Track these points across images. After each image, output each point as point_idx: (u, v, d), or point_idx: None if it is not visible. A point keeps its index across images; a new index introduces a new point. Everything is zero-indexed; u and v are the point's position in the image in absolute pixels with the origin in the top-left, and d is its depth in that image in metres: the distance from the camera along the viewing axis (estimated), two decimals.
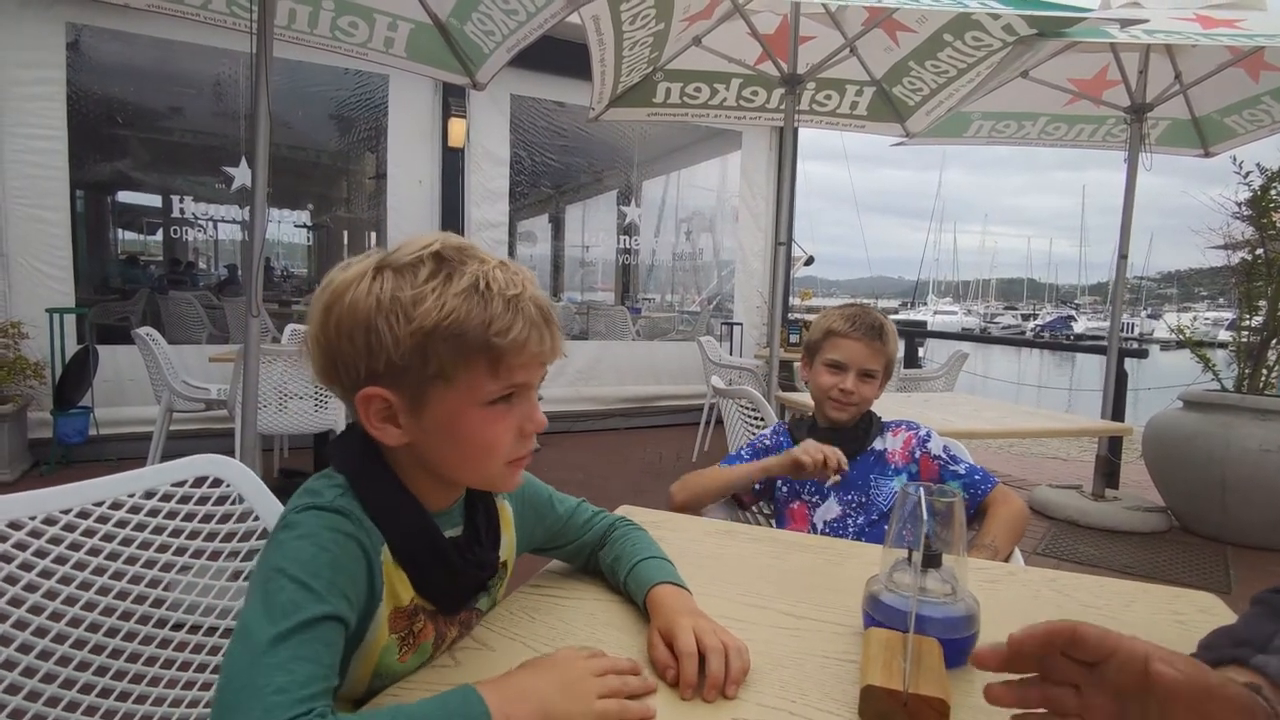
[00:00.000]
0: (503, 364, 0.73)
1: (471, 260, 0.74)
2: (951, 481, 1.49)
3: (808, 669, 0.76)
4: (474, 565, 0.82)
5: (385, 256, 0.75)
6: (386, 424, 0.74)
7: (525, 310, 0.73)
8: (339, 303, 0.73)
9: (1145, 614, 0.93)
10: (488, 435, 0.75)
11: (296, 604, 0.63)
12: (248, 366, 2.58)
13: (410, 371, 0.71)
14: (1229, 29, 3.31)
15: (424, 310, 0.70)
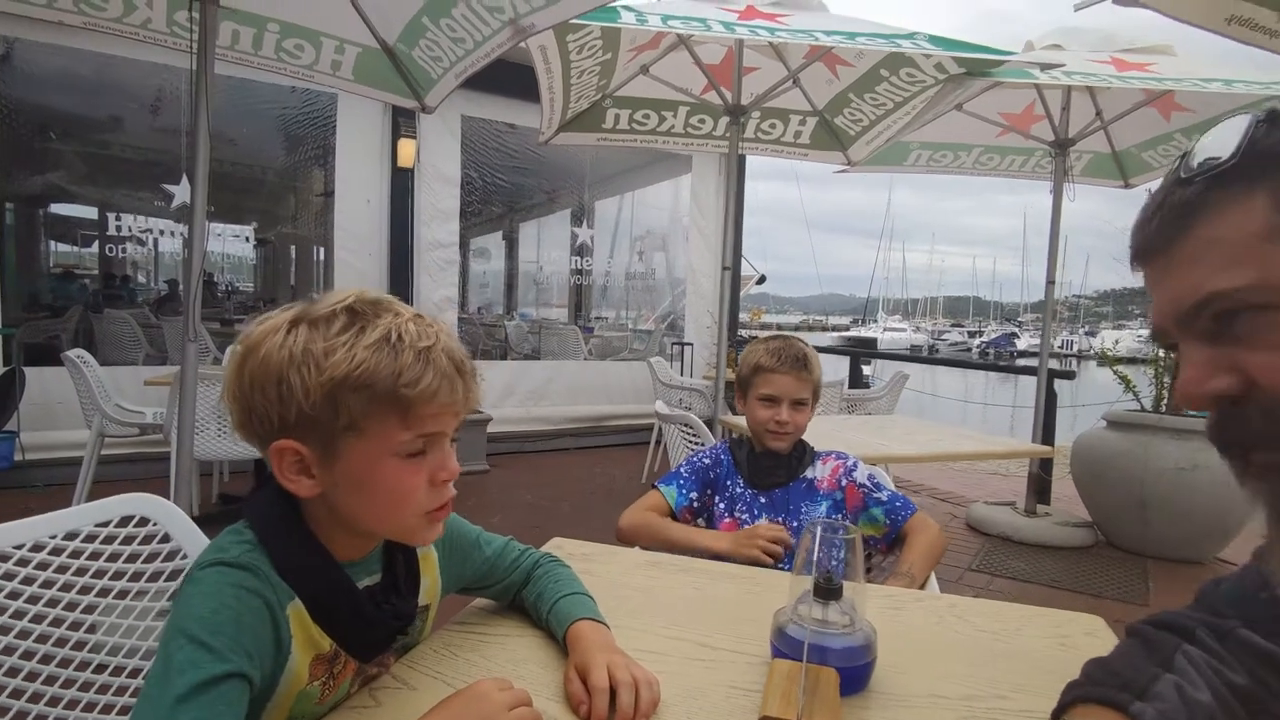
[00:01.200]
0: (413, 414, 0.74)
1: (385, 314, 0.76)
2: (874, 508, 1.57)
3: (716, 700, 0.80)
4: (390, 615, 0.83)
5: (302, 310, 0.77)
6: (300, 476, 0.75)
7: (437, 361, 0.75)
8: (253, 355, 0.75)
9: (1034, 638, 1.00)
10: (400, 487, 0.76)
11: (196, 664, 0.65)
12: (184, 392, 2.53)
13: (321, 423, 0.73)
14: (1140, 72, 3.53)
15: (334, 361, 0.72)
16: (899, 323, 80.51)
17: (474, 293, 9.98)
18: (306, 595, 0.76)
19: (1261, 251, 0.53)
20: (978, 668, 0.91)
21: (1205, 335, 0.56)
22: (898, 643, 0.95)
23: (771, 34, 2.96)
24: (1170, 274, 0.58)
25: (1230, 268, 0.54)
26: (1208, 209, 0.56)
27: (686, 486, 1.65)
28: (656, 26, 2.88)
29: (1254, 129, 0.55)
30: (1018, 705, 0.81)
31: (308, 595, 0.76)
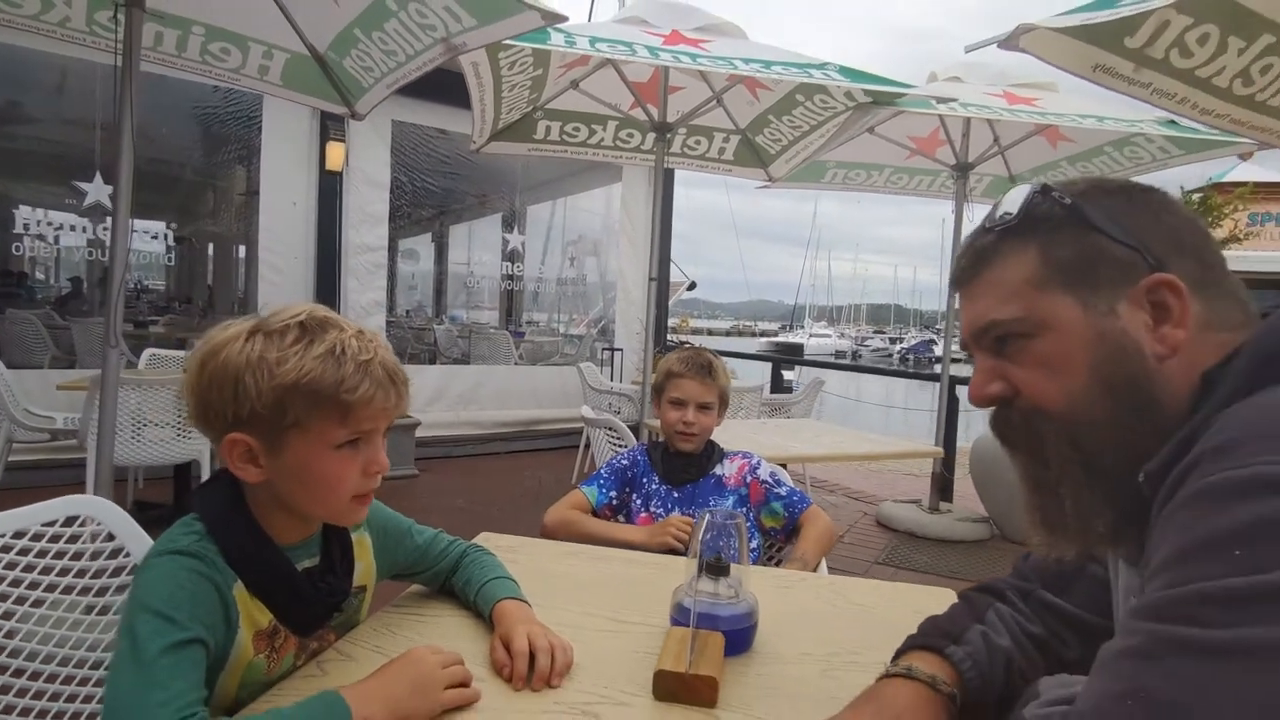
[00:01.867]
0: (351, 415, 0.86)
1: (332, 329, 0.88)
2: (774, 502, 1.74)
3: (623, 662, 0.94)
4: (325, 593, 0.94)
5: (260, 322, 0.89)
6: (248, 464, 0.86)
7: (374, 373, 0.87)
8: (214, 358, 0.86)
9: (897, 609, 1.18)
10: (334, 475, 0.88)
11: (162, 632, 0.76)
12: (105, 402, 2.51)
13: (270, 420, 0.84)
14: (1028, 105, 3.88)
15: (285, 369, 0.83)
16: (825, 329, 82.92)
17: (402, 295, 9.87)
18: (249, 577, 0.87)
19: (1028, 293, 0.70)
20: (844, 632, 1.09)
21: (988, 351, 0.74)
22: (782, 614, 1.12)
23: (694, 60, 3.14)
24: (969, 301, 0.76)
25: (1006, 303, 0.71)
26: (998, 255, 0.73)
27: (606, 486, 1.79)
28: (584, 49, 3.02)
29: (1033, 196, 0.73)
30: (870, 659, 0.98)
31: (250, 577, 0.87)
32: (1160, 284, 0.65)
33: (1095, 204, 0.69)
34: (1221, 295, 0.67)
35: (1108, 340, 0.67)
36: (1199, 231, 0.70)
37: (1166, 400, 0.65)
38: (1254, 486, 0.51)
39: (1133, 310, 0.67)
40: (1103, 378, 0.67)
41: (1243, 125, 2.98)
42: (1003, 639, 0.87)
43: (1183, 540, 0.54)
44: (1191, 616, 0.51)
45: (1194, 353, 0.65)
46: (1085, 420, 0.67)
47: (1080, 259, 0.68)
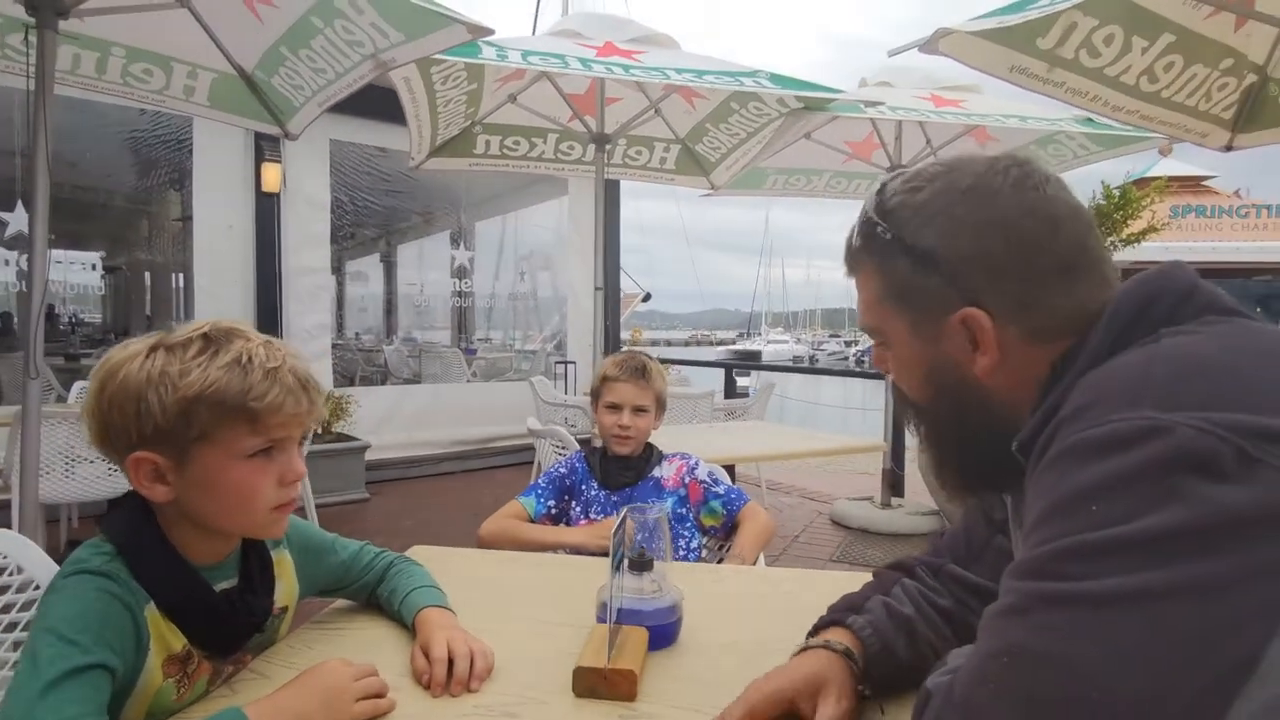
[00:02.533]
0: (260, 422, 0.85)
1: (237, 339, 0.86)
2: (713, 500, 1.76)
3: (547, 663, 0.94)
4: (244, 613, 0.91)
5: (160, 338, 0.86)
6: (155, 483, 0.84)
7: (283, 379, 0.86)
8: (113, 378, 0.83)
9: (826, 594, 1.20)
10: (247, 485, 0.86)
11: (64, 656, 0.73)
12: (26, 435, 2.41)
13: (175, 434, 0.82)
14: (955, 108, 4.01)
15: (189, 381, 0.81)
16: (781, 335, 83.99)
17: (352, 317, 9.70)
18: (161, 598, 0.84)
19: (876, 308, 0.78)
20: (772, 621, 1.10)
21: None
22: (713, 606, 1.13)
23: (627, 71, 3.17)
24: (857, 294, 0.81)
25: (865, 312, 0.80)
26: (857, 267, 0.80)
27: (544, 496, 1.78)
28: (516, 63, 3.02)
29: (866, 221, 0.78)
30: (794, 646, 0.99)
31: (163, 598, 0.84)
32: (967, 319, 0.70)
33: (919, 230, 0.72)
34: (1052, 308, 0.69)
35: (931, 358, 0.74)
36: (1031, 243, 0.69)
37: (999, 405, 0.72)
38: (1109, 443, 0.54)
39: (953, 336, 0.72)
40: (935, 385, 0.75)
41: (1152, 120, 3.12)
42: (905, 608, 0.90)
43: (1048, 500, 0.57)
44: (1055, 571, 0.53)
45: (1017, 368, 0.70)
46: (927, 413, 0.78)
47: (904, 287, 0.74)
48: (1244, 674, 0.47)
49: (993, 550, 0.92)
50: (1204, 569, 0.48)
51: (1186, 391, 0.54)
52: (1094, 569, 0.51)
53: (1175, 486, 0.49)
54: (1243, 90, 2.98)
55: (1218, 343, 0.59)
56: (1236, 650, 0.47)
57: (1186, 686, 0.47)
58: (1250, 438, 0.49)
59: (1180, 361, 0.57)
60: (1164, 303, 0.64)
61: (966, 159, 0.75)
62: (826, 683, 0.79)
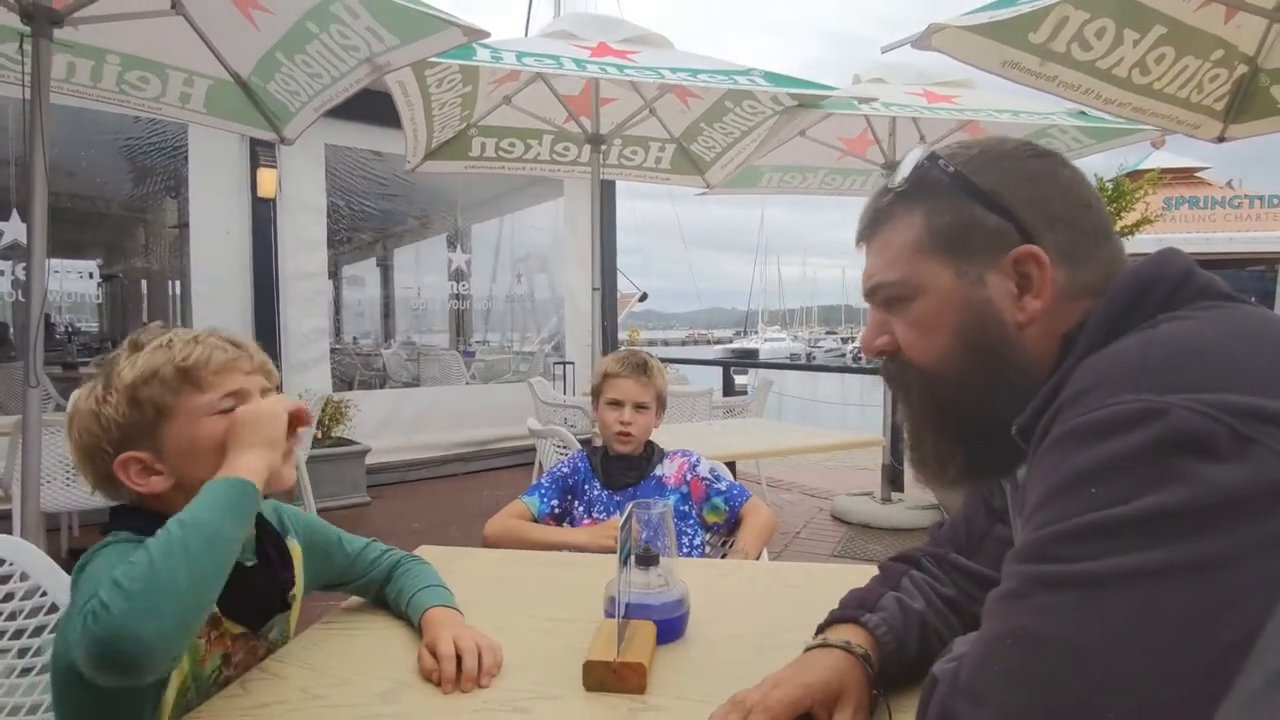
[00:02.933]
0: (198, 377, 0.91)
1: (161, 334, 0.94)
2: (715, 497, 1.77)
3: (556, 658, 0.95)
4: (270, 583, 0.96)
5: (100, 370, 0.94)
6: (149, 477, 0.89)
7: (204, 340, 0.93)
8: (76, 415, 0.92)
9: (828, 589, 1.21)
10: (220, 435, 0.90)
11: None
12: (27, 443, 2.41)
13: (136, 425, 0.89)
14: (947, 103, 4.03)
15: (123, 378, 0.89)
16: (778, 333, 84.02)
17: (349, 322, 9.69)
18: None
19: (910, 258, 0.75)
20: (777, 614, 1.11)
21: (879, 306, 0.79)
22: (716, 601, 1.13)
23: (621, 71, 3.18)
24: (866, 259, 0.81)
25: (891, 266, 0.77)
26: (890, 217, 0.78)
27: (548, 495, 1.79)
28: (511, 65, 3.03)
29: (921, 163, 0.76)
30: (802, 638, 0.99)
31: None
32: (1026, 255, 0.70)
33: (979, 172, 0.72)
34: (1092, 263, 0.71)
35: (972, 307, 0.72)
36: (1080, 201, 0.73)
37: (1024, 364, 0.70)
38: (1108, 426, 0.55)
39: (1000, 279, 0.71)
40: (965, 340, 0.72)
41: (1144, 113, 3.13)
42: (916, 602, 0.91)
43: (1047, 483, 0.58)
44: (1054, 554, 0.54)
45: (1054, 319, 0.70)
46: (944, 377, 0.74)
47: (957, 227, 0.72)
48: (1244, 650, 0.48)
49: (993, 539, 0.93)
50: (1201, 547, 0.49)
51: (1182, 374, 0.55)
52: (1093, 550, 0.52)
53: (1172, 467, 0.50)
54: (1234, 81, 3.00)
55: (1213, 327, 0.60)
56: (1236, 627, 0.48)
57: (1188, 663, 0.48)
58: (1243, 418, 0.50)
59: (1176, 345, 0.58)
60: (1160, 288, 0.65)
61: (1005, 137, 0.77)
62: (844, 691, 0.79)
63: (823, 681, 0.79)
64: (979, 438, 0.73)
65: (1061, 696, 0.51)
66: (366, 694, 0.87)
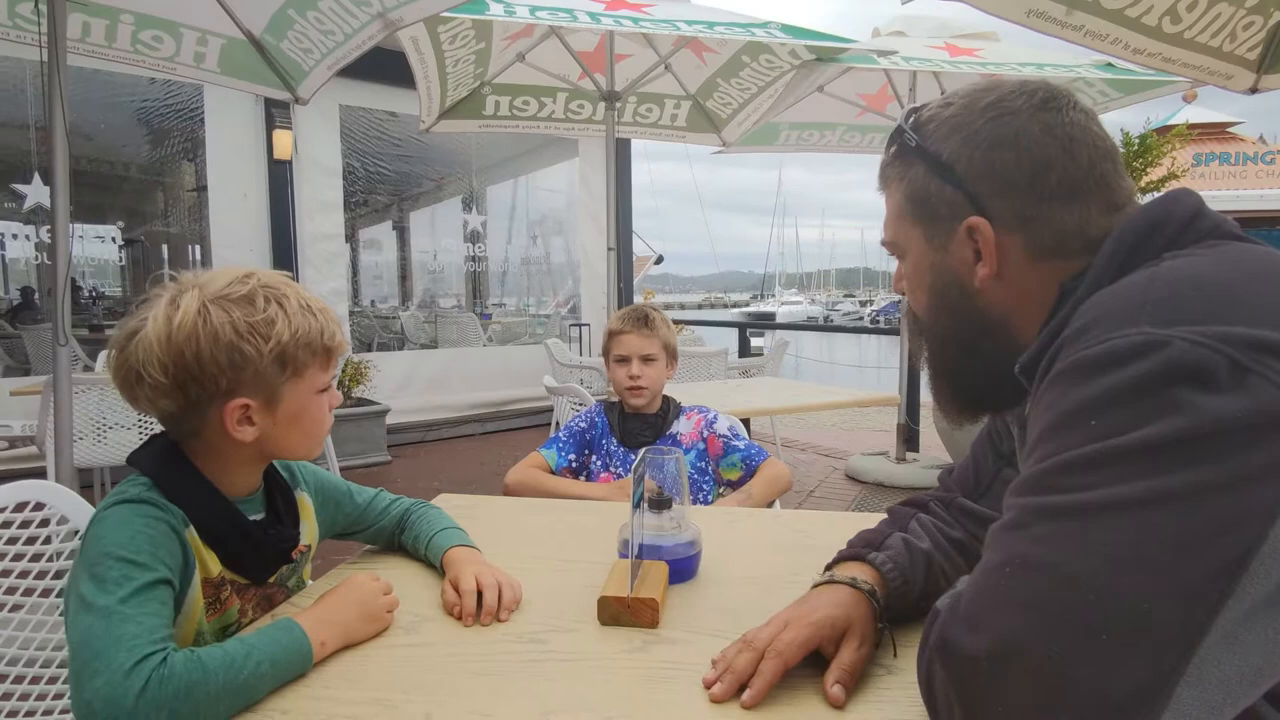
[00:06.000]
0: (331, 359, 0.97)
1: (287, 288, 0.95)
2: (732, 454, 1.79)
3: (572, 594, 0.98)
4: (275, 540, 0.98)
5: (195, 295, 0.88)
6: (244, 425, 0.91)
7: (332, 318, 0.98)
8: (192, 340, 0.86)
9: (836, 533, 1.23)
10: (320, 415, 0.98)
11: (127, 576, 0.78)
12: (58, 399, 2.48)
13: (270, 377, 0.90)
14: (970, 56, 3.93)
15: (279, 329, 0.90)
16: (795, 296, 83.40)
17: (367, 285, 9.75)
18: (198, 521, 0.90)
19: (895, 221, 0.82)
20: (786, 557, 1.14)
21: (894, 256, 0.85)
22: (728, 545, 1.16)
23: (636, 24, 3.14)
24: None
25: (887, 226, 0.83)
26: (885, 180, 0.84)
27: (565, 449, 1.82)
28: (524, 19, 3.00)
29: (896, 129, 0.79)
30: (808, 578, 1.03)
31: (199, 521, 0.90)
32: (972, 227, 0.73)
33: (941, 141, 0.75)
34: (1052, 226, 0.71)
35: (939, 271, 0.77)
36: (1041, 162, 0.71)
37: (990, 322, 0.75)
38: (1107, 360, 0.55)
39: (959, 246, 0.75)
40: (937, 300, 0.79)
41: (1174, 63, 3.04)
42: (923, 542, 0.93)
43: (1048, 418, 0.59)
44: (1054, 485, 0.56)
45: (1014, 280, 0.73)
46: (931, 328, 0.81)
47: (922, 196, 0.77)
48: (1236, 573, 0.49)
49: (1000, 482, 0.95)
50: (1198, 475, 0.50)
51: (1182, 307, 0.55)
52: (1092, 480, 0.53)
53: (1172, 398, 0.51)
54: (1269, 29, 2.90)
55: (1216, 263, 0.61)
56: (1229, 551, 0.49)
57: (1182, 586, 0.50)
58: (1243, 348, 0.51)
59: (1178, 280, 0.59)
60: (1169, 227, 0.65)
61: (1001, 80, 0.77)
62: (851, 625, 0.81)
63: (830, 618, 0.81)
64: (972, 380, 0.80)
65: (1058, 620, 0.52)
66: (391, 627, 0.91)
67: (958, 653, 0.57)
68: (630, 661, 0.83)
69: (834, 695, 0.75)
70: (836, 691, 0.75)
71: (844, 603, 0.82)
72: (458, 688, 0.77)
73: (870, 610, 0.83)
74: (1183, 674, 0.50)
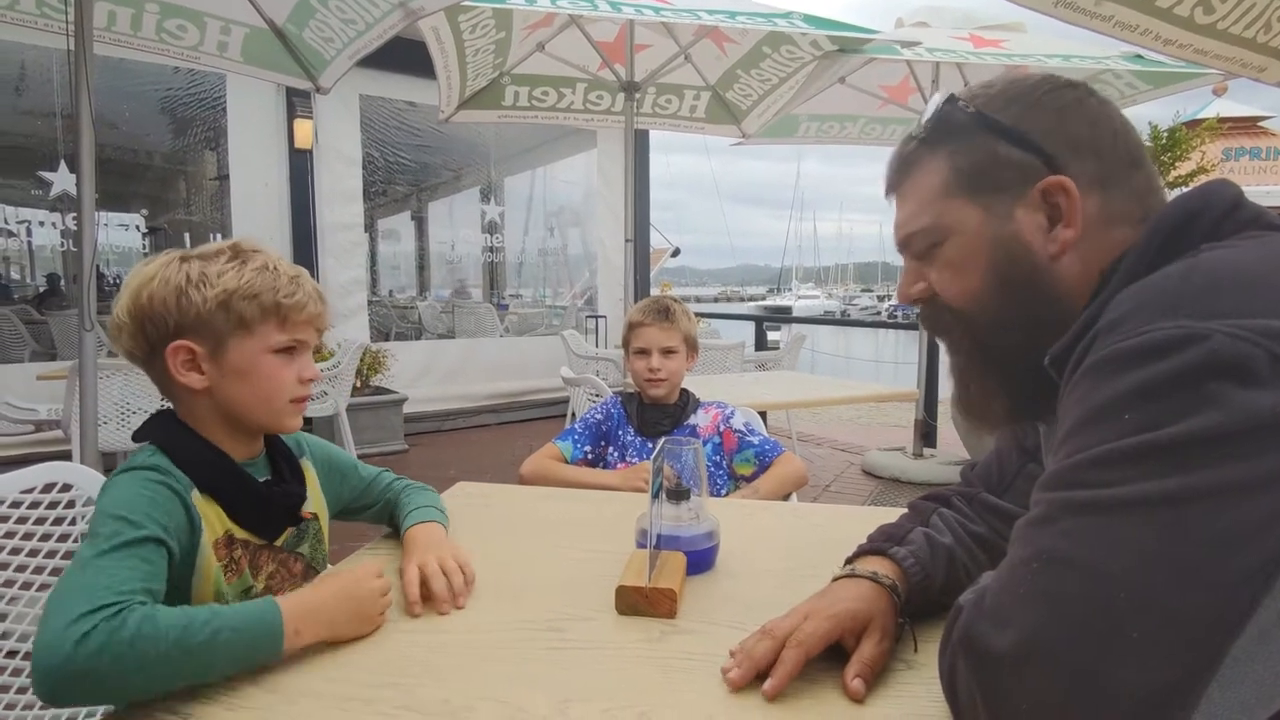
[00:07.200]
0: (288, 320, 0.97)
1: (261, 253, 0.99)
2: (747, 449, 1.78)
3: (589, 584, 0.98)
4: (281, 495, 1.01)
5: (184, 253, 0.97)
6: (191, 371, 0.94)
7: (304, 286, 0.99)
8: (150, 281, 0.94)
9: (854, 527, 1.22)
10: (275, 375, 0.97)
11: (117, 531, 0.80)
12: (84, 384, 2.51)
13: (214, 324, 0.93)
14: (995, 48, 3.87)
15: (227, 279, 0.93)
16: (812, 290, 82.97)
17: (385, 275, 9.79)
18: (203, 481, 0.93)
19: (938, 202, 0.76)
20: (804, 551, 1.13)
21: (912, 255, 0.80)
22: (746, 537, 1.16)
23: (657, 13, 3.12)
24: (897, 208, 0.82)
25: (921, 213, 0.77)
26: (916, 164, 0.78)
27: (580, 441, 1.82)
28: (545, 7, 2.99)
29: (941, 107, 0.76)
30: (828, 572, 1.02)
31: (204, 481, 0.93)
32: (1053, 186, 0.69)
33: (999, 110, 0.72)
34: (1125, 190, 0.70)
35: (1003, 243, 0.72)
36: (1108, 128, 0.72)
37: (1059, 297, 0.70)
38: (1141, 353, 0.54)
39: (1029, 213, 0.71)
40: (998, 277, 0.72)
41: (1206, 55, 2.98)
42: (945, 537, 0.92)
43: (1079, 411, 0.58)
44: (1085, 480, 0.55)
45: (1089, 248, 0.70)
46: (982, 315, 0.74)
47: (982, 165, 0.72)
48: (1271, 573, 0.48)
49: (1024, 478, 0.93)
50: (1234, 472, 0.49)
51: (1222, 300, 0.54)
52: (1125, 475, 0.52)
53: (1210, 392, 0.50)
54: None
55: (1256, 255, 0.59)
56: (1264, 550, 0.48)
57: (1214, 585, 0.48)
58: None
59: (1217, 272, 0.57)
60: (1206, 218, 0.64)
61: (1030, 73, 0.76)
62: (871, 619, 0.80)
63: (850, 611, 0.81)
64: (1022, 375, 0.72)
65: (1086, 617, 0.51)
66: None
67: (982, 648, 0.57)
68: (648, 651, 0.83)
69: (854, 689, 0.74)
70: (857, 685, 0.75)
71: (865, 597, 0.82)
72: (475, 673, 0.78)
73: (891, 605, 0.82)
74: (1214, 673, 0.49)
